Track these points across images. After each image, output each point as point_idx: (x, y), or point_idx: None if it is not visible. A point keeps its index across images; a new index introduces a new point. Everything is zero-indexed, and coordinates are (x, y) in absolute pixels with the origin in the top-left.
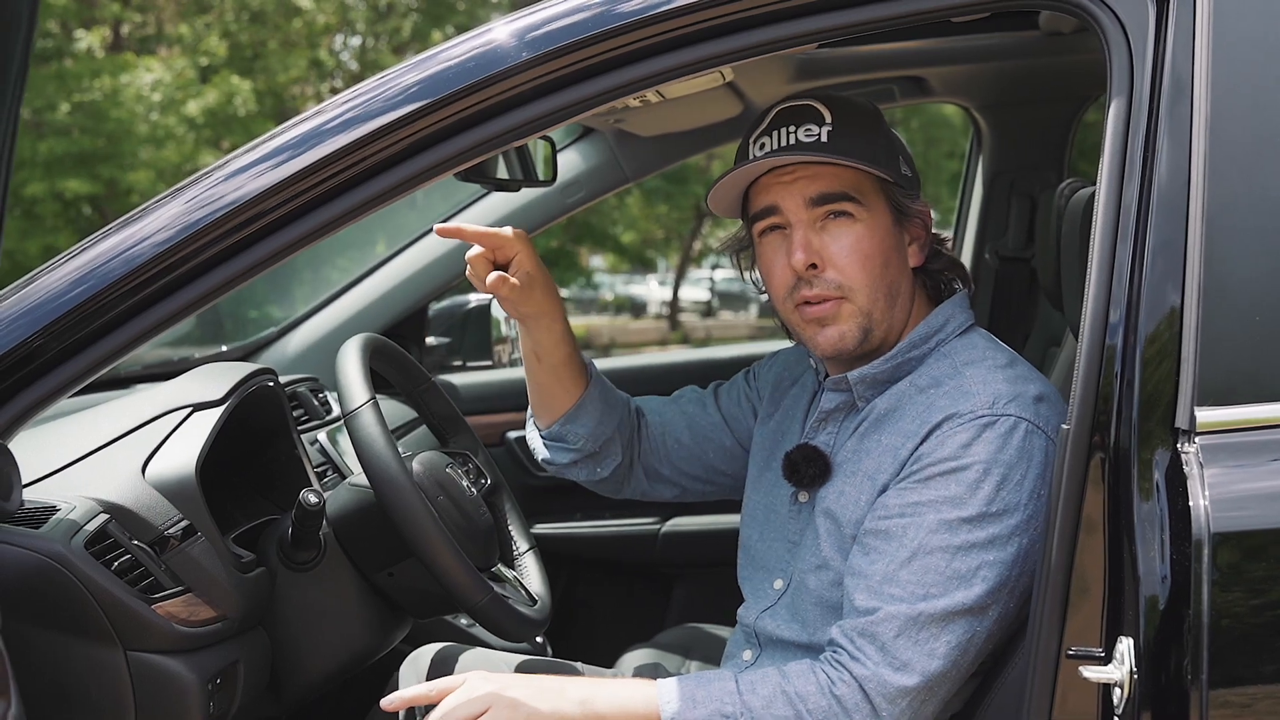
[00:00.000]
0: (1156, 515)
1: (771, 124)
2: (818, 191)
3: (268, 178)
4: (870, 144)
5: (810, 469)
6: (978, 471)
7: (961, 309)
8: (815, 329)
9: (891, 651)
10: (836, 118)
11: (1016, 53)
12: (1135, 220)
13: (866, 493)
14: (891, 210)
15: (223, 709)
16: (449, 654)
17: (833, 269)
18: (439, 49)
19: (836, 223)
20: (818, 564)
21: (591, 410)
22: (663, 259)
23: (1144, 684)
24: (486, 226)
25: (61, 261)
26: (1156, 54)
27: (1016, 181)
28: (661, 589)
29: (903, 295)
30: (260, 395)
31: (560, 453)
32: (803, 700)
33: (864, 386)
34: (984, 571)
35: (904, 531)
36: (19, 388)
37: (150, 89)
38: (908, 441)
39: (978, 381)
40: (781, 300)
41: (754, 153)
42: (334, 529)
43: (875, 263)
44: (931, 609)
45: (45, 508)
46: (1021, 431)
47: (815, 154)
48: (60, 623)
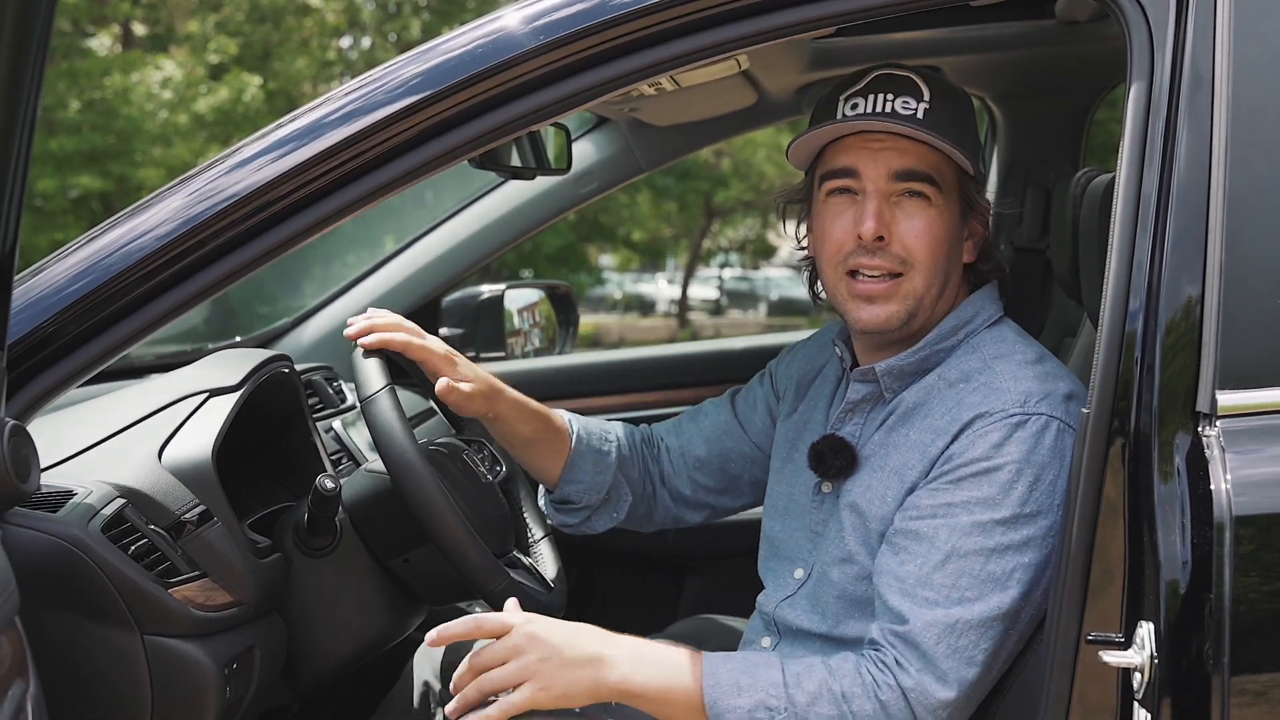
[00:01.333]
0: (1177, 499)
1: (868, 86)
2: (904, 166)
3: (279, 165)
4: (961, 131)
5: (837, 460)
6: (1010, 472)
7: (991, 300)
8: (860, 304)
9: (933, 660)
10: (935, 97)
11: (1032, 41)
12: (1155, 206)
13: (894, 489)
14: (962, 202)
15: (239, 693)
16: (464, 642)
17: (899, 245)
18: (449, 35)
19: (911, 202)
20: (842, 557)
21: (582, 466)
22: (671, 257)
23: (1164, 669)
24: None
25: (74, 248)
26: (1177, 40)
27: (1031, 172)
28: (674, 580)
29: (950, 288)
30: (276, 381)
31: (570, 514)
32: (847, 700)
33: (891, 378)
34: (1018, 574)
35: (936, 533)
36: (35, 372)
37: (160, 86)
38: (937, 439)
39: (1008, 378)
40: (832, 264)
41: (844, 111)
42: (350, 515)
43: (940, 249)
44: (968, 614)
45: (62, 492)
46: (1053, 431)
47: (913, 128)
48: (77, 606)
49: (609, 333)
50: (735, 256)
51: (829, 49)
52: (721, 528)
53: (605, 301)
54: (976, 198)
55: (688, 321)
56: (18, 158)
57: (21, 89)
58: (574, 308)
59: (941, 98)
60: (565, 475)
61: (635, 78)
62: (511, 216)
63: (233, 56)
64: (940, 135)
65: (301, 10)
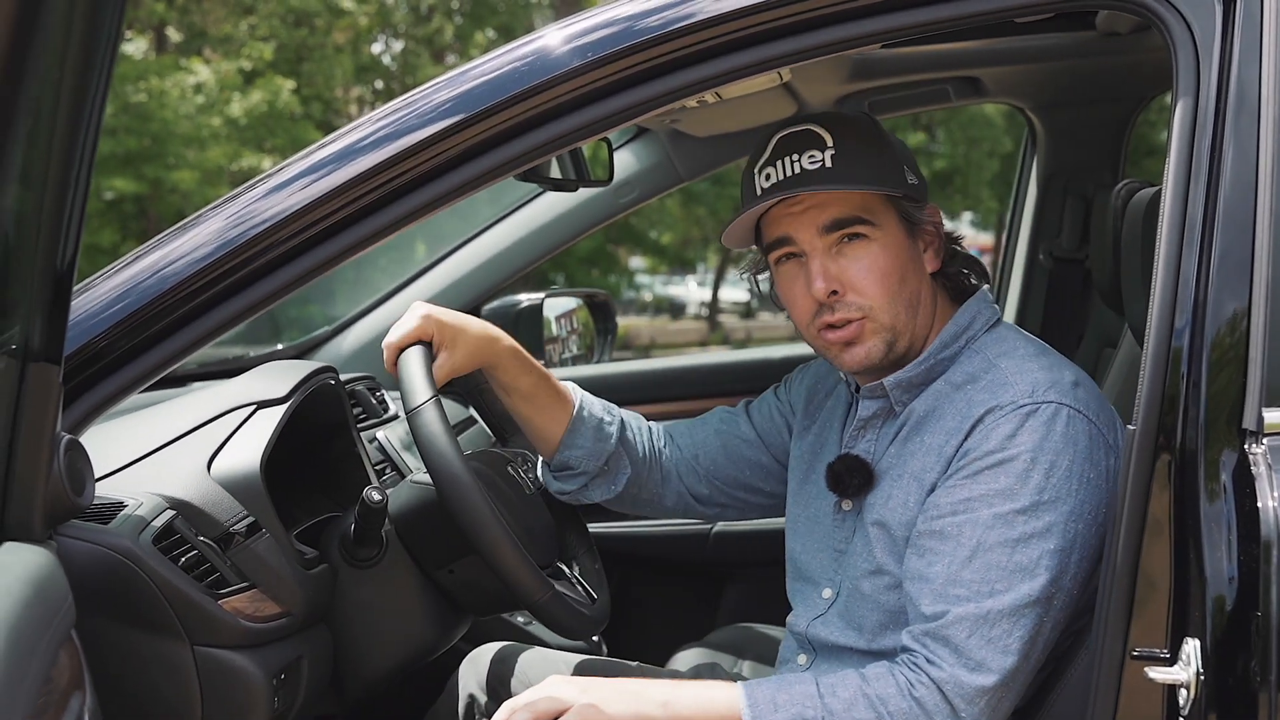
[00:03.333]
0: (1224, 516)
1: (774, 153)
2: (829, 219)
3: (322, 184)
4: (875, 161)
5: (854, 479)
6: (1025, 461)
7: (986, 305)
8: (840, 350)
9: (965, 652)
10: (838, 140)
11: (1072, 53)
12: (1201, 222)
13: (915, 494)
14: (903, 223)
15: (287, 704)
16: (508, 653)
17: (853, 292)
18: (489, 55)
19: (852, 245)
20: (871, 570)
21: (584, 431)
22: (701, 261)
23: (1210, 686)
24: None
25: (125, 264)
26: (1223, 54)
27: (1071, 182)
28: (713, 589)
29: (924, 303)
30: (322, 393)
31: (568, 480)
32: (883, 703)
33: (900, 391)
34: (1045, 561)
35: (960, 530)
36: (88, 386)
37: (193, 91)
38: (951, 438)
39: (1014, 371)
40: (806, 326)
41: (760, 184)
42: (395, 526)
43: (893, 279)
44: (999, 605)
45: (114, 504)
46: (1064, 417)
47: (821, 184)
48: (129, 618)
49: (639, 335)
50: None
51: (868, 60)
52: (761, 536)
53: (635, 304)
54: (916, 213)
55: (718, 324)
56: (80, 168)
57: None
58: (612, 316)
59: (845, 139)
60: (566, 439)
61: (680, 94)
62: (551, 226)
63: (267, 61)
64: (853, 178)
65: (335, 12)
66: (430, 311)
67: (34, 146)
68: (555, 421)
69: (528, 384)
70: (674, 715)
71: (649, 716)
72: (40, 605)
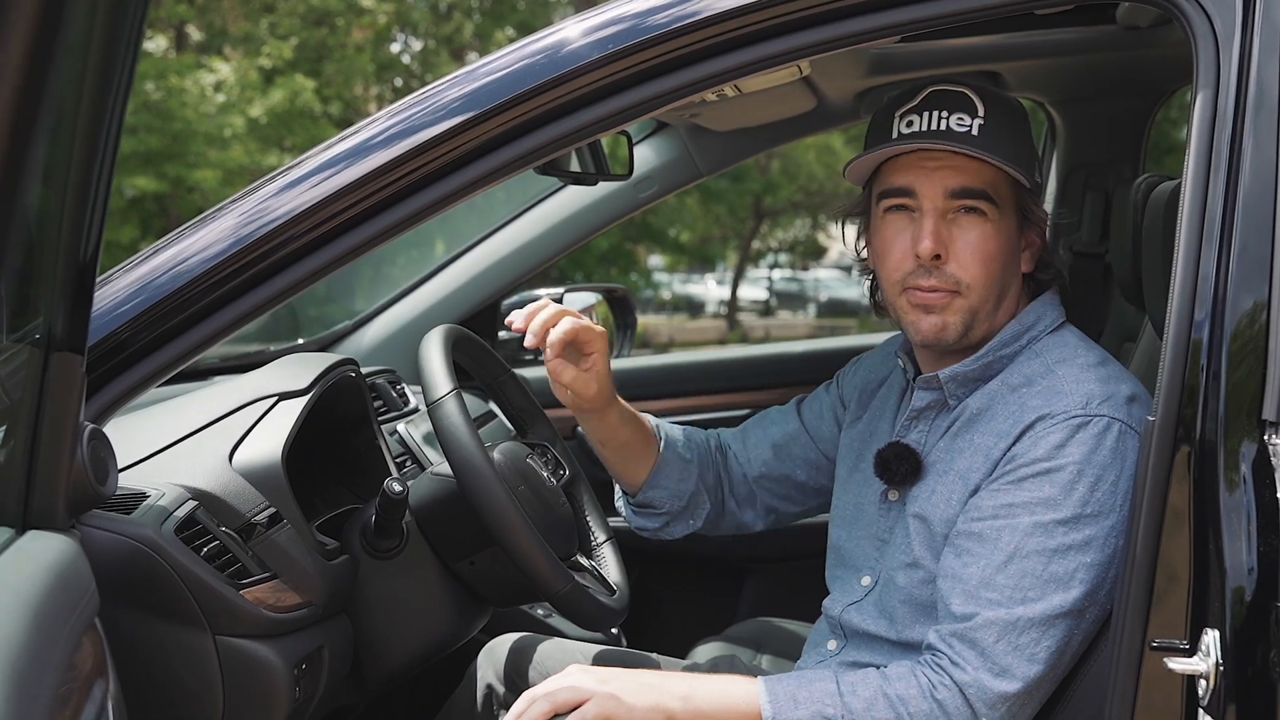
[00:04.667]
0: (1243, 507)
1: (922, 104)
2: (960, 184)
3: (338, 180)
4: (1016, 144)
5: (902, 466)
6: (1072, 473)
7: (1053, 306)
8: (919, 314)
9: (991, 657)
10: (989, 112)
11: (1092, 47)
12: (1221, 214)
13: (959, 492)
14: (1018, 214)
15: (308, 693)
16: (526, 644)
17: (955, 263)
18: (510, 48)
19: (968, 218)
20: (908, 562)
21: (668, 473)
22: (721, 259)
23: (1229, 676)
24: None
25: (147, 257)
26: (1243, 48)
27: (1091, 177)
28: (734, 582)
29: (1009, 297)
30: (343, 385)
31: (650, 519)
32: (904, 703)
33: (955, 385)
34: (1080, 574)
35: (998, 534)
36: (111, 376)
37: (214, 90)
38: (1000, 441)
39: (1070, 380)
40: (892, 281)
41: (899, 128)
42: (416, 518)
43: (996, 264)
44: (1030, 613)
45: (136, 494)
46: (1115, 432)
47: (969, 147)
48: (152, 607)
49: (658, 333)
50: (785, 257)
51: (889, 55)
52: (781, 530)
53: (654, 302)
54: (1033, 209)
55: (737, 323)
56: (102, 165)
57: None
58: (632, 311)
59: (996, 112)
60: (651, 480)
61: (699, 87)
62: (571, 220)
63: (287, 60)
64: (995, 152)
65: (355, 11)
66: (585, 322)
67: (57, 143)
68: (643, 464)
69: (626, 435)
70: (694, 709)
71: (669, 709)
72: (63, 593)
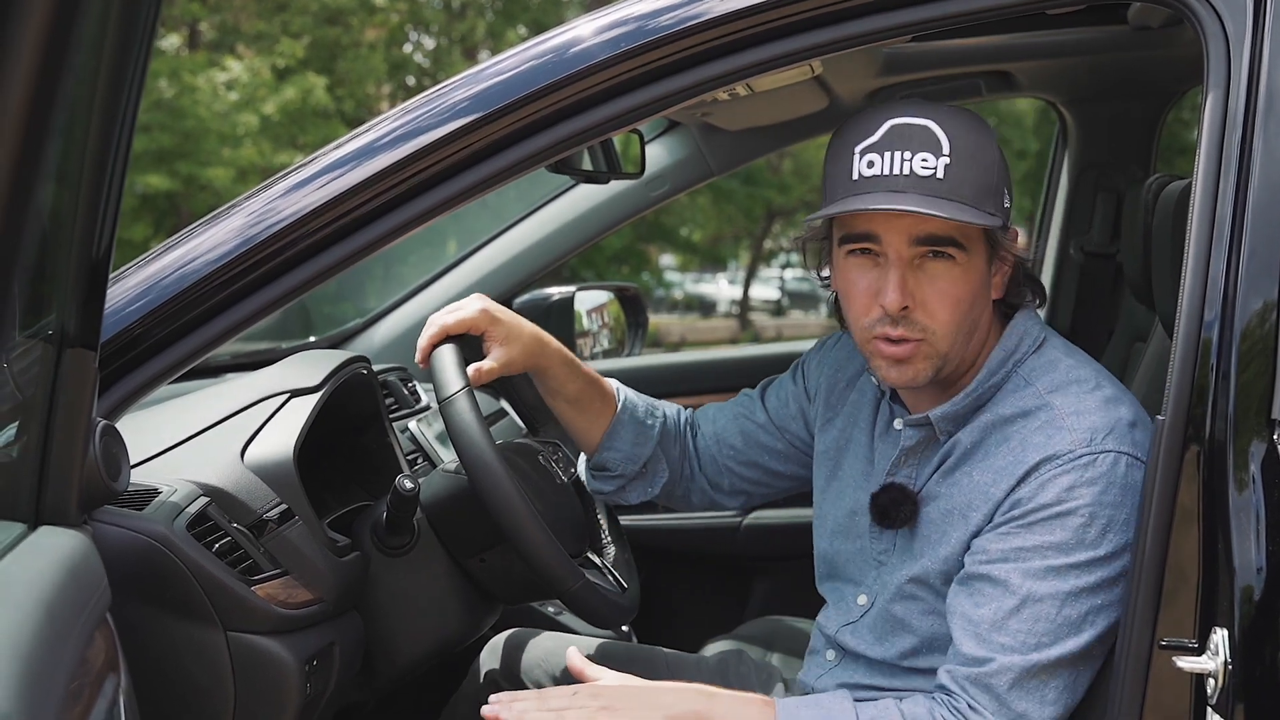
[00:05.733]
0: (1252, 506)
1: (884, 141)
2: (925, 232)
3: (356, 174)
4: (983, 181)
5: (901, 511)
6: (1084, 516)
7: (1033, 322)
8: (888, 364)
9: (1007, 703)
10: (954, 148)
11: (1104, 47)
12: (1231, 214)
13: (958, 530)
14: (988, 249)
15: (319, 689)
16: (529, 639)
17: (922, 311)
18: (521, 47)
19: (935, 263)
20: (904, 594)
21: (624, 434)
22: (733, 259)
23: (1238, 675)
24: (453, 312)
25: (159, 254)
26: (1254, 50)
27: (1102, 176)
28: (743, 581)
29: (979, 329)
30: (354, 383)
31: (605, 481)
32: None
33: (946, 423)
34: (1092, 616)
35: (1009, 577)
36: (123, 372)
37: (226, 88)
38: (1001, 480)
39: (1069, 414)
40: (860, 327)
41: (859, 169)
42: (427, 515)
43: (964, 306)
44: (1043, 658)
45: (148, 490)
46: (1123, 466)
47: (933, 200)
48: (163, 603)
49: (670, 333)
50: (796, 257)
51: (900, 54)
52: (791, 529)
53: (666, 302)
54: (1003, 241)
55: (749, 322)
56: (115, 162)
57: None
58: (643, 310)
59: (961, 145)
60: (605, 441)
61: (710, 86)
62: (583, 219)
63: (299, 59)
64: (961, 191)
65: (367, 9)
66: (487, 306)
67: (71, 140)
68: (598, 424)
69: (575, 389)
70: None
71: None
72: (75, 588)
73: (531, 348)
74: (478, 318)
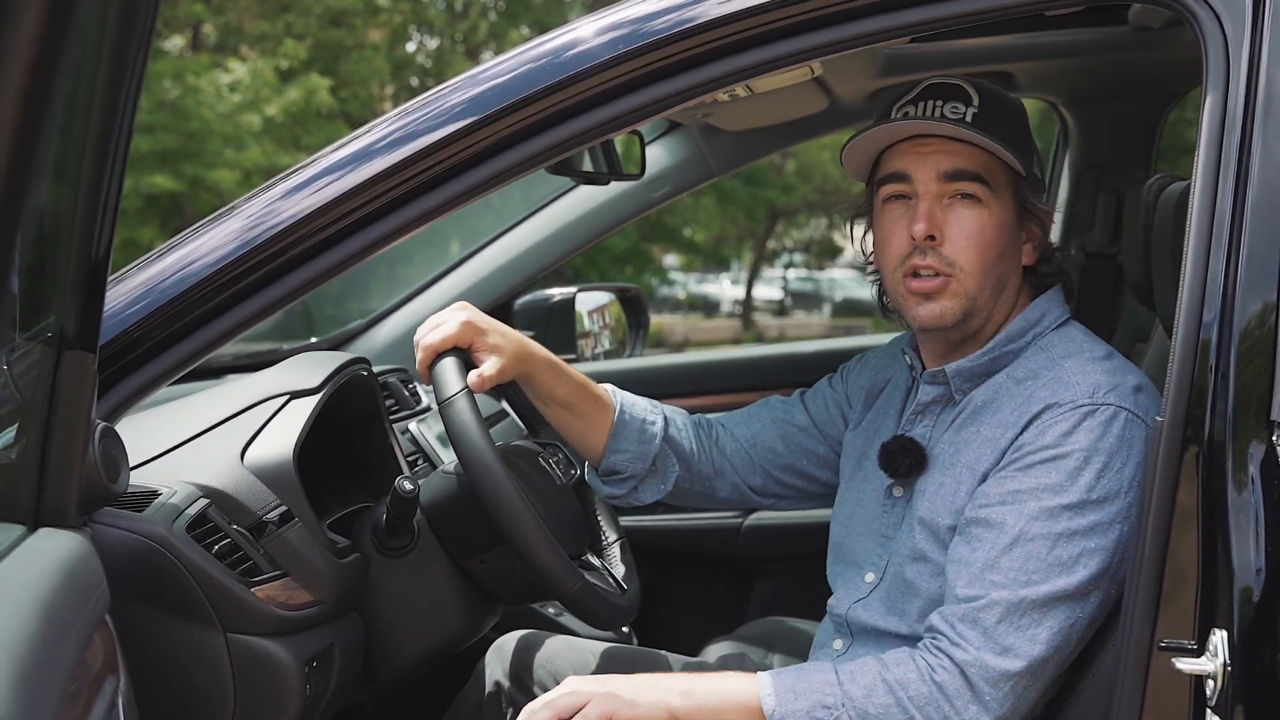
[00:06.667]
0: (1251, 507)
1: (919, 95)
2: (952, 166)
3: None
4: (1011, 132)
5: (907, 459)
6: (1078, 459)
7: (1058, 303)
8: (918, 301)
9: (994, 636)
10: (984, 102)
11: (1105, 48)
12: (1230, 214)
13: (966, 483)
14: (1016, 204)
15: (318, 691)
16: (534, 641)
17: (950, 245)
18: (521, 49)
19: (963, 204)
20: (915, 556)
21: (627, 434)
22: (736, 259)
23: (1237, 676)
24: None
25: (159, 256)
26: (1253, 50)
27: (1103, 177)
28: (744, 582)
29: (1009, 288)
30: (355, 384)
31: (617, 484)
32: (903, 687)
33: (961, 379)
34: (1085, 559)
35: (1004, 519)
36: (123, 374)
37: (229, 90)
38: (1007, 431)
39: (1076, 372)
40: (892, 269)
41: (895, 118)
42: (427, 516)
43: (991, 251)
44: (1034, 595)
45: (147, 492)
46: (1121, 420)
47: (959, 128)
48: (163, 604)
49: (673, 333)
50: (800, 257)
51: (900, 55)
52: (792, 529)
53: (670, 301)
54: (1032, 200)
55: (752, 322)
56: (114, 163)
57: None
58: (644, 310)
59: (991, 102)
60: (611, 444)
61: (710, 88)
62: (584, 220)
63: (302, 60)
64: (987, 136)
65: (370, 10)
66: (470, 318)
67: (69, 141)
68: (597, 427)
69: (565, 393)
70: (695, 704)
71: (670, 704)
72: (73, 589)
73: (519, 354)
74: (461, 332)
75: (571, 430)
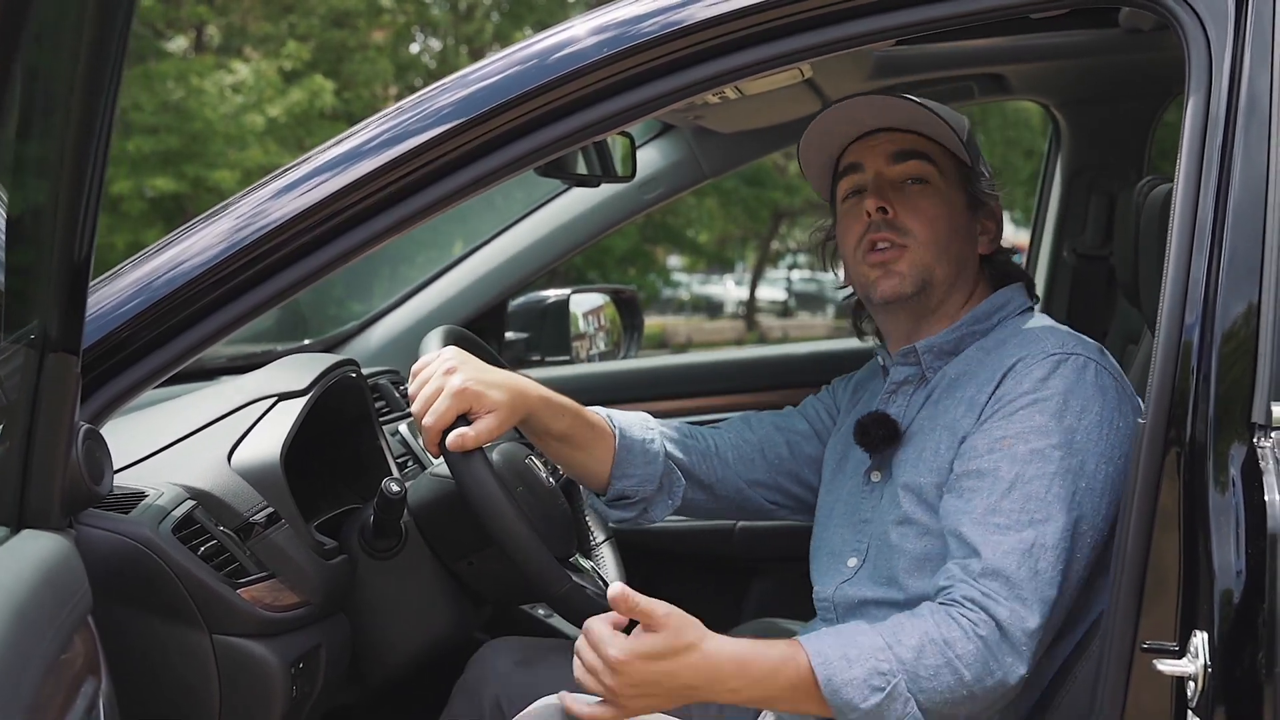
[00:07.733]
0: (1232, 509)
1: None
2: (898, 148)
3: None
4: (956, 121)
5: (879, 430)
6: (1058, 402)
7: (1021, 294)
8: (878, 273)
9: (1018, 586)
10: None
11: (1096, 50)
12: (1212, 216)
13: (947, 443)
14: (965, 194)
15: (304, 692)
16: (523, 644)
17: (902, 215)
18: (510, 49)
19: (914, 188)
20: (899, 520)
21: (631, 459)
22: (740, 260)
23: (1218, 678)
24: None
25: (146, 256)
26: (1235, 51)
27: (1096, 179)
28: (739, 583)
29: (968, 271)
30: (343, 386)
31: (627, 508)
32: (950, 646)
33: (931, 356)
34: (1079, 496)
35: (997, 466)
36: (108, 376)
37: (232, 90)
38: (984, 389)
39: (1043, 330)
40: (852, 252)
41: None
42: (415, 518)
43: (942, 224)
44: (1041, 536)
45: (134, 493)
46: (1092, 370)
47: (895, 97)
48: (148, 606)
49: (676, 334)
50: (803, 258)
51: (891, 57)
52: (786, 531)
53: (673, 303)
54: (979, 189)
55: (755, 323)
56: (94, 163)
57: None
58: (639, 312)
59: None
60: (616, 471)
61: (700, 89)
62: (577, 222)
63: (305, 61)
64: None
65: (374, 10)
66: (464, 384)
67: (48, 140)
68: (598, 456)
69: (562, 426)
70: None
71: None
72: (51, 591)
73: (515, 403)
74: (458, 405)
75: (572, 462)
